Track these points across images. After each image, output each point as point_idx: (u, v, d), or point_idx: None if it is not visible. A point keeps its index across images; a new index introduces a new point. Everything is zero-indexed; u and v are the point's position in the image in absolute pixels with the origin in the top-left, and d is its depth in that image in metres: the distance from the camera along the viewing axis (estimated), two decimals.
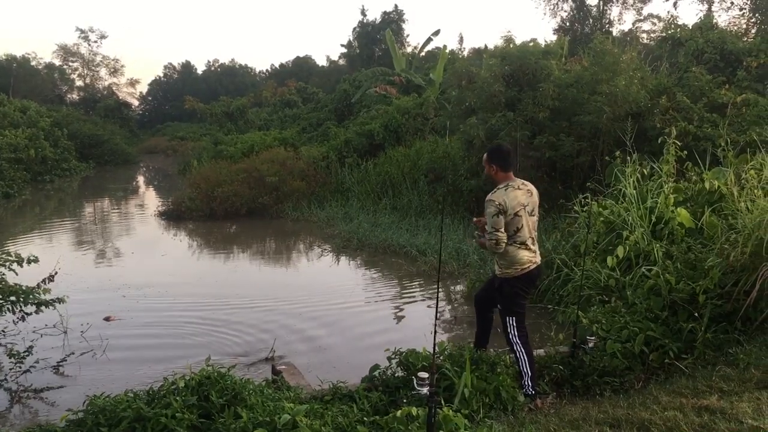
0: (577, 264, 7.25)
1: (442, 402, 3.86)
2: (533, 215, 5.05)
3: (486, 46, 25.40)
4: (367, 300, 8.86)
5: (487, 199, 4.93)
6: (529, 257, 4.98)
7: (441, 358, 4.55)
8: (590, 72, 12.72)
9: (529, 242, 4.98)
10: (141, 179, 36.30)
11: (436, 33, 30.68)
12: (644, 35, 35.31)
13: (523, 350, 4.82)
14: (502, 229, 4.85)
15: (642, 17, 37.68)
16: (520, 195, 4.95)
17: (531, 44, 15.50)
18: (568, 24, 37.41)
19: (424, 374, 3.57)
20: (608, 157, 9.99)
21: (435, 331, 3.44)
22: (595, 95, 12.13)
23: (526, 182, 5.10)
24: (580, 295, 5.87)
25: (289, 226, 15.78)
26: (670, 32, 16.37)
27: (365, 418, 3.69)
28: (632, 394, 4.52)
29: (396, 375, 4.66)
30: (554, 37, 30.08)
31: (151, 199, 24.53)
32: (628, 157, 8.71)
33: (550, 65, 13.43)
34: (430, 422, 3.27)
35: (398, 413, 3.51)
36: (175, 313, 8.30)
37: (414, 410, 3.51)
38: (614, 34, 34.68)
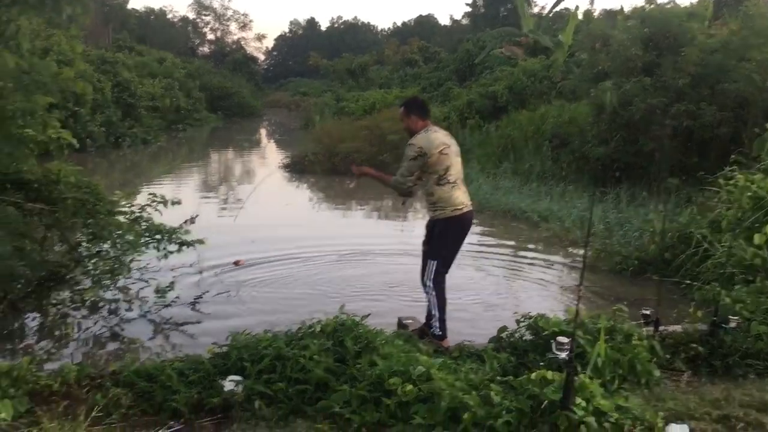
0: (718, 240, 6.85)
1: (578, 368, 3.79)
2: (458, 157, 5.15)
3: (622, 8, 24.11)
4: (486, 262, 8.78)
5: (408, 143, 5.09)
6: (463, 199, 5.09)
7: (572, 325, 4.45)
8: (740, 37, 11.83)
9: (459, 182, 5.09)
10: (264, 132, 37.61)
11: None
12: None
13: (434, 293, 5.02)
14: (413, 177, 5.05)
15: None
16: (441, 135, 5.13)
17: (669, 5, 14.62)
18: None
19: (563, 339, 3.51)
20: (757, 129, 9.30)
21: (579, 296, 3.36)
22: (743, 62, 11.30)
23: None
24: (722, 272, 5.55)
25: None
26: None
27: (498, 377, 3.69)
28: None
29: (524, 338, 4.62)
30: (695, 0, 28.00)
31: (273, 152, 25.40)
32: None
33: (693, 29, 12.63)
34: (567, 387, 3.22)
35: (533, 375, 3.48)
36: (301, 262, 8.57)
37: (549, 374, 3.47)
38: None
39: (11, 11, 4.96)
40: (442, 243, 5.11)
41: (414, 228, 11.70)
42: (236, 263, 8.43)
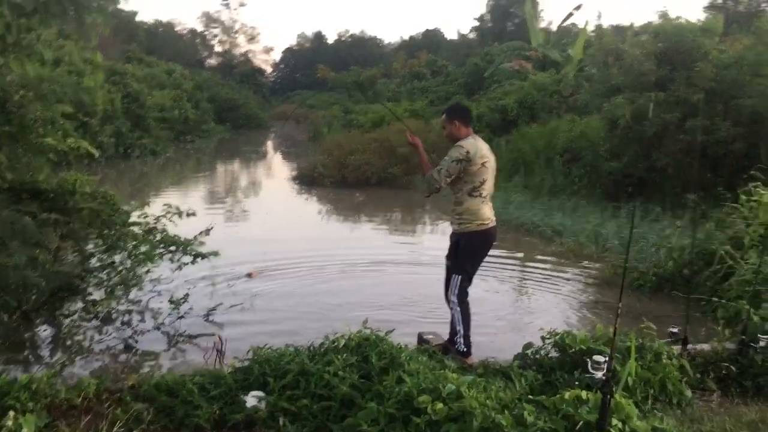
0: (742, 257, 6.75)
1: (613, 388, 3.69)
2: (494, 173, 5.14)
3: (632, 24, 24.07)
4: (501, 276, 8.69)
5: (456, 145, 4.96)
6: (489, 214, 5.07)
7: (600, 343, 4.36)
8: (754, 52, 11.79)
9: (488, 198, 5.08)
10: (270, 144, 37.64)
11: (578, 7, 29.03)
12: None
13: (459, 309, 5.00)
14: (451, 179, 4.92)
15: None
16: (485, 148, 5.06)
17: (680, 20, 14.58)
18: (720, 1, 34.88)
19: (599, 358, 3.42)
20: None
21: (618, 314, 3.27)
22: (757, 77, 11.25)
23: None
24: (751, 290, 5.45)
25: (417, 197, 15.76)
26: None
27: (530, 396, 3.59)
28: None
29: (550, 356, 4.53)
30: (703, 16, 27.98)
31: (281, 164, 25.41)
32: None
33: (706, 44, 12.60)
34: (604, 408, 3.13)
35: (566, 395, 3.39)
36: (313, 273, 8.50)
37: (583, 394, 3.37)
38: None
39: (32, 20, 4.91)
40: (468, 258, 5.06)
41: (423, 238, 11.67)
42: (249, 275, 8.37)
